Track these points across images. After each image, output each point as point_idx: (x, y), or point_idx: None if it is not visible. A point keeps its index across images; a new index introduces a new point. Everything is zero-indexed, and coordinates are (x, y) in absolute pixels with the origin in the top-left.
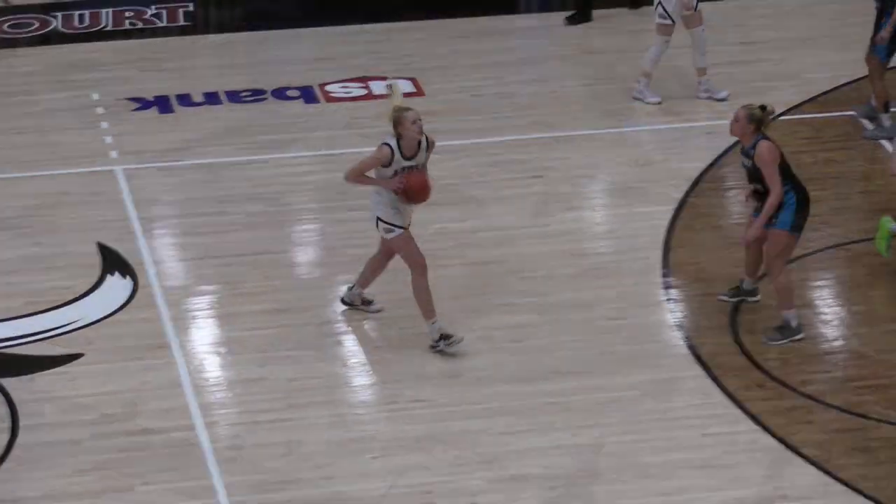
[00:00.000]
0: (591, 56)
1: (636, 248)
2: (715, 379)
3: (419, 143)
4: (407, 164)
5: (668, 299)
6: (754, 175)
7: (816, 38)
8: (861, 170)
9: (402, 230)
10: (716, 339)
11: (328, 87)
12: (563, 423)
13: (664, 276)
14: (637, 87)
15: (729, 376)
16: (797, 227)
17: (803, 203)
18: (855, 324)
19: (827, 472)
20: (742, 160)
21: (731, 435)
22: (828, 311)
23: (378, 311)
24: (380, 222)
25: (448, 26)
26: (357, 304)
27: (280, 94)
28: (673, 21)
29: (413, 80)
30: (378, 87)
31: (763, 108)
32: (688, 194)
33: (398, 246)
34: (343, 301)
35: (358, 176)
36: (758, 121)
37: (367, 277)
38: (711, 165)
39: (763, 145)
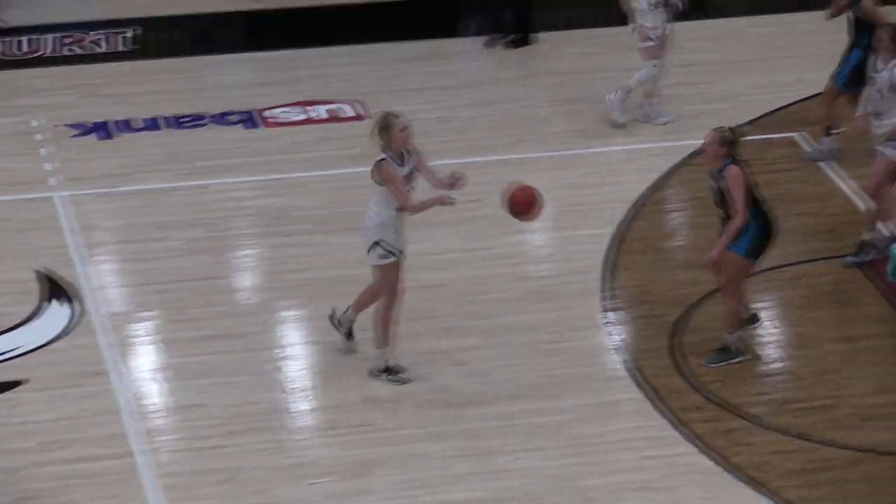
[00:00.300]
0: (533, 79)
1: (578, 270)
2: (655, 401)
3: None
4: (405, 170)
5: (609, 322)
6: (721, 198)
7: (749, 61)
8: (799, 191)
9: (396, 257)
10: (656, 362)
11: (269, 113)
12: (505, 447)
13: (605, 298)
14: (644, 109)
15: (669, 399)
16: (753, 254)
17: (765, 231)
18: (793, 345)
19: (766, 494)
20: (710, 183)
21: (671, 457)
22: (766, 333)
23: (352, 350)
24: (378, 246)
25: (390, 50)
26: (341, 329)
27: (220, 119)
28: (656, 41)
29: (356, 104)
30: (321, 112)
31: (733, 130)
32: (629, 216)
33: (386, 271)
34: (331, 318)
35: (412, 201)
36: (729, 143)
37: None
38: (653, 188)
39: (732, 170)
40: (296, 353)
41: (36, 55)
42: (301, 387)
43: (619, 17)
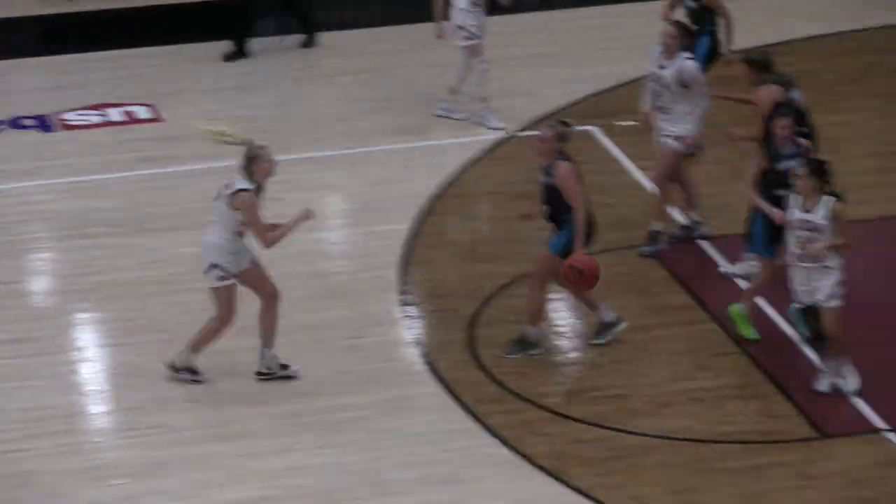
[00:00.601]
0: (327, 78)
1: (374, 266)
2: (452, 394)
3: None
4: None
5: (406, 317)
6: (550, 194)
7: (552, 55)
8: (596, 183)
9: (232, 280)
10: (453, 355)
11: (64, 116)
12: (304, 444)
13: (402, 293)
14: (480, 114)
15: (467, 391)
16: (564, 253)
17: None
18: (590, 335)
19: (563, 482)
20: (540, 177)
21: (470, 449)
22: (563, 323)
23: (293, 376)
24: (216, 269)
25: (186, 51)
26: (275, 370)
27: (16, 123)
28: (479, 37)
29: (151, 105)
30: (116, 114)
31: (567, 124)
32: (425, 212)
33: (221, 294)
34: (260, 374)
35: (269, 237)
36: (562, 138)
37: (267, 335)
38: (448, 183)
39: (563, 166)
40: (91, 355)
41: None
42: (98, 389)
43: (408, 16)
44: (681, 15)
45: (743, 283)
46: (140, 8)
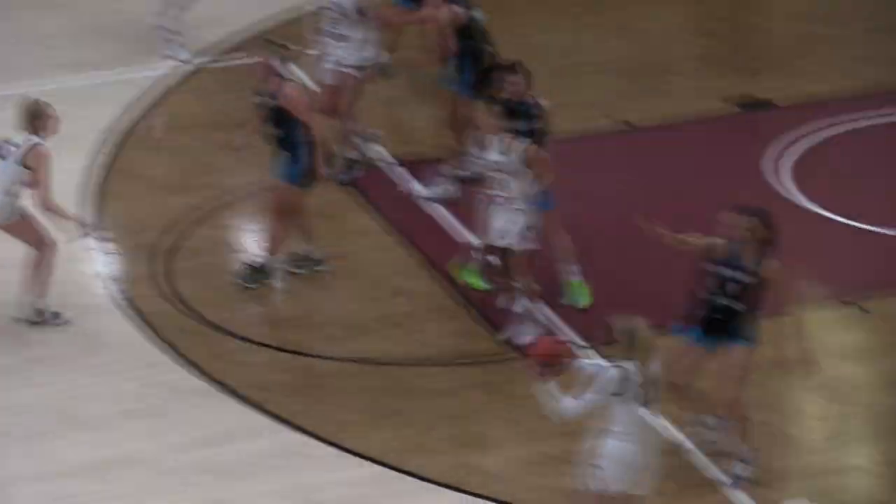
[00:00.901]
0: (15, 11)
1: (66, 202)
2: (151, 327)
3: None
4: None
5: (97, 251)
6: (280, 118)
7: None
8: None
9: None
10: (150, 289)
11: None
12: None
13: (95, 228)
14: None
15: (165, 324)
16: (303, 182)
17: (312, 157)
18: (290, 264)
19: (267, 411)
20: (262, 101)
21: (169, 382)
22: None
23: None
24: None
25: None
26: (48, 319)
27: None
28: None
29: None
30: None
31: (286, 47)
32: (116, 145)
33: (22, 229)
34: (34, 322)
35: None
36: (284, 61)
37: (40, 285)
38: (137, 116)
39: (289, 86)
40: None
41: None
42: None
43: None
44: None
45: (437, 206)
46: None
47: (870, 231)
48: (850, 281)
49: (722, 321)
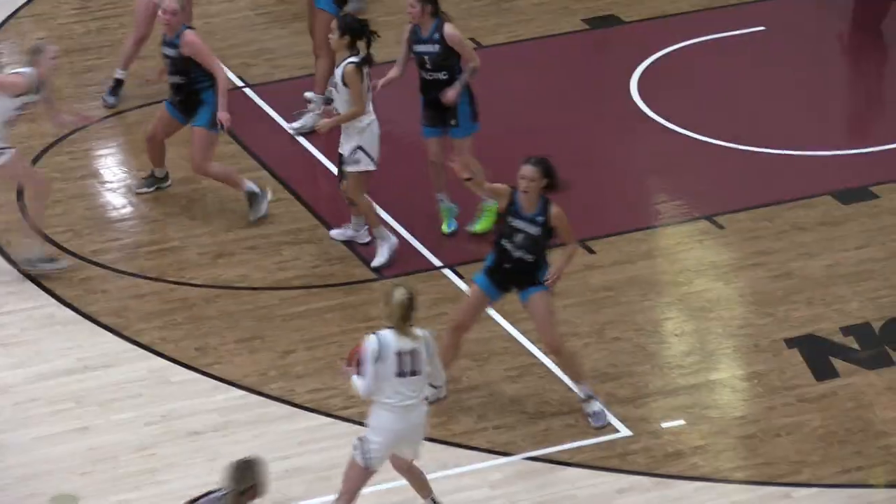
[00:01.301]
0: None
1: None
2: (5, 257)
3: None
4: (38, 97)
5: None
6: (179, 65)
7: None
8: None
9: (12, 150)
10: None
11: None
12: None
13: None
14: None
15: (22, 252)
16: (214, 124)
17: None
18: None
19: (127, 339)
20: (165, 51)
21: (28, 311)
22: (112, 179)
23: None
24: None
25: None
26: (46, 266)
27: None
28: None
29: None
30: None
31: None
32: None
33: (12, 168)
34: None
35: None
36: (183, 7)
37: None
38: None
39: (189, 34)
40: None
41: None
42: None
43: None
44: None
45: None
46: None
47: (721, 146)
48: (704, 196)
49: (513, 271)
